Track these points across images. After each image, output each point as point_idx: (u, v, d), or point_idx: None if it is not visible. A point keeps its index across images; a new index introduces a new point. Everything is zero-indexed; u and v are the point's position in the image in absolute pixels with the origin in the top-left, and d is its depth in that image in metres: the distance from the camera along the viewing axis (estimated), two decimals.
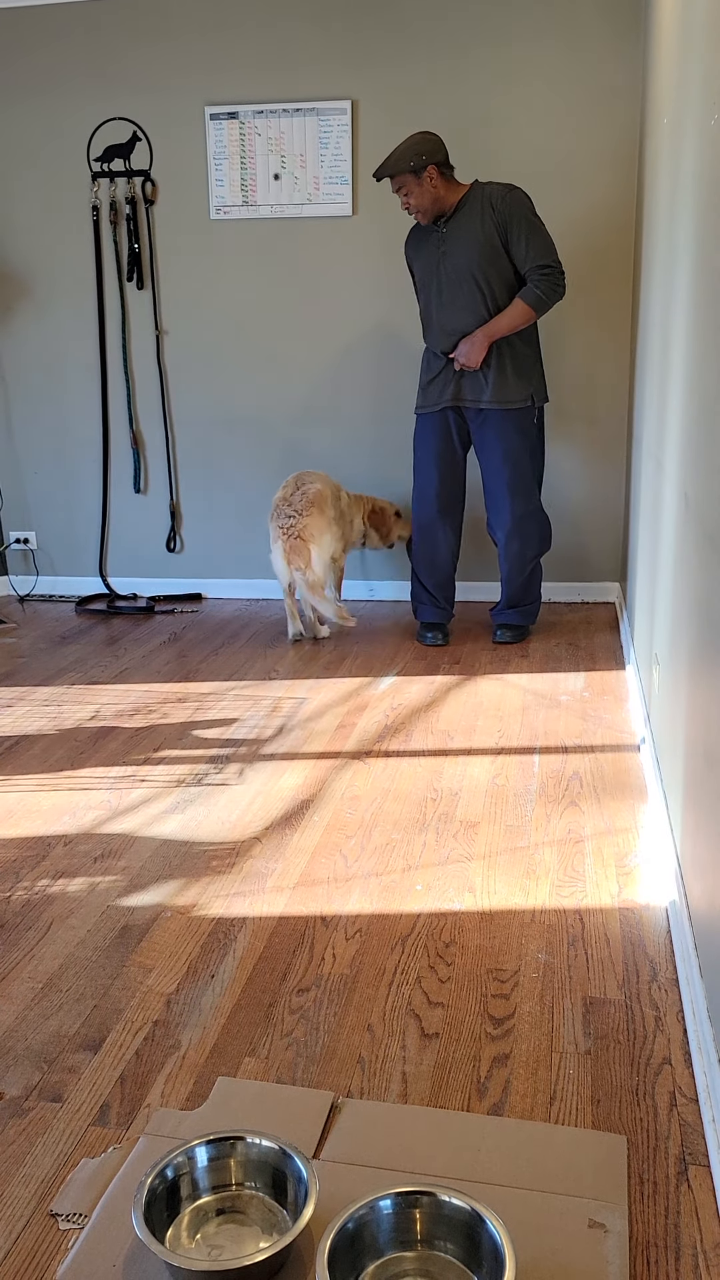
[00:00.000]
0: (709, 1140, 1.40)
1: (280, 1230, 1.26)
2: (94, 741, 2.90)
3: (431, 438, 3.65)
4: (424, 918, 1.97)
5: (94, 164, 4.21)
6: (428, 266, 3.56)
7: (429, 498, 3.69)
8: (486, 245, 3.44)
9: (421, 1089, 1.52)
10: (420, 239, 3.59)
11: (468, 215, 3.44)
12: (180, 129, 4.13)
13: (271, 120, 4.04)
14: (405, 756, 2.76)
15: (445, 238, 3.49)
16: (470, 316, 3.50)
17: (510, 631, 3.76)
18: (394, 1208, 1.22)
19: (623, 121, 3.87)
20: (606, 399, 4.12)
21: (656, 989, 1.74)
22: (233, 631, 4.03)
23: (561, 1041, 1.62)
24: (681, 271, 2.21)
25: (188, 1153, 1.30)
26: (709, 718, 1.60)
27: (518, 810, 2.42)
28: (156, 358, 4.37)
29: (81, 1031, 1.66)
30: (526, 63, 3.86)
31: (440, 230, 3.50)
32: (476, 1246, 1.20)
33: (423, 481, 3.70)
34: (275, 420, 4.36)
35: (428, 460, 3.67)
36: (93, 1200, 1.33)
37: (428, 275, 3.56)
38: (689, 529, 1.93)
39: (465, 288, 3.49)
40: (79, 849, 2.27)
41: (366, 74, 3.96)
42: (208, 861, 2.21)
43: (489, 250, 3.44)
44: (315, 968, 1.82)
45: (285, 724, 3.01)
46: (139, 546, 4.60)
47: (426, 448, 3.67)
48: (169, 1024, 1.68)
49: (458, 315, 3.51)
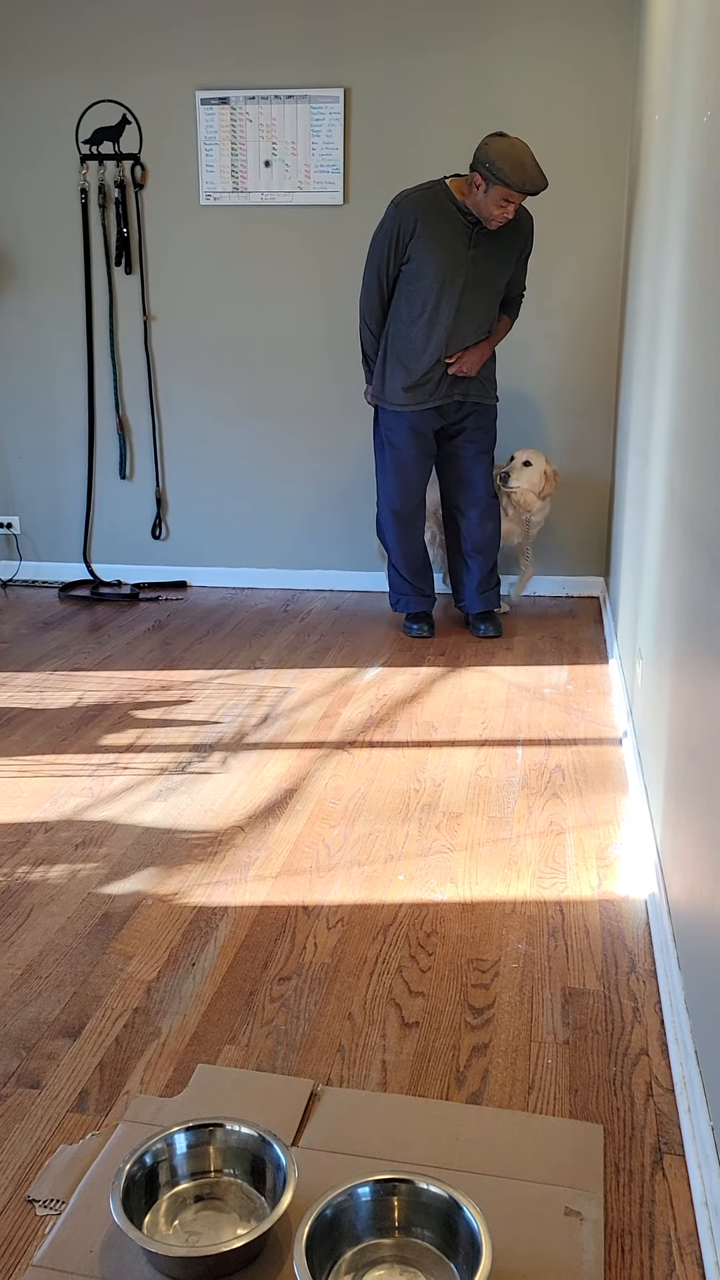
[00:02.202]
0: (684, 1130, 1.41)
1: (258, 1217, 1.27)
2: (76, 728, 2.89)
3: (415, 435, 3.61)
4: (406, 908, 1.98)
5: (83, 146, 4.17)
6: (449, 262, 3.38)
7: (411, 492, 3.69)
8: (511, 263, 3.48)
9: (401, 1077, 1.53)
10: (437, 224, 3.36)
11: (506, 227, 3.42)
12: (171, 113, 4.10)
13: (263, 106, 4.01)
14: (389, 747, 2.76)
15: (478, 240, 3.39)
16: (480, 329, 3.52)
17: (492, 624, 3.77)
18: (372, 1195, 1.22)
19: (615, 116, 3.86)
20: (593, 393, 4.13)
21: (635, 980, 1.75)
22: (218, 620, 4.03)
23: (540, 1031, 1.62)
24: (671, 267, 2.21)
25: (167, 1139, 1.30)
26: (691, 712, 1.61)
27: (500, 802, 2.42)
28: (144, 344, 4.35)
29: (61, 1018, 1.66)
30: (520, 54, 3.85)
31: (470, 229, 3.38)
32: (454, 1234, 1.21)
33: (404, 477, 3.66)
34: (262, 408, 4.35)
35: (410, 457, 3.64)
36: (70, 1186, 1.33)
37: (447, 272, 3.39)
38: (674, 523, 1.93)
39: (485, 299, 3.47)
40: (60, 835, 2.27)
41: (359, 62, 3.94)
42: (190, 850, 2.20)
43: (511, 268, 3.50)
44: (297, 956, 1.83)
45: (269, 713, 3.01)
46: (124, 533, 4.58)
47: (409, 445, 3.62)
48: (149, 1011, 1.68)
49: (472, 325, 3.49)
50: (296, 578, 4.50)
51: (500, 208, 3.27)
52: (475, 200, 3.31)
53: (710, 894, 1.37)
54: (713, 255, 1.59)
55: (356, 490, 4.37)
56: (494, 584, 3.82)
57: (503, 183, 3.19)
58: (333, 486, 4.39)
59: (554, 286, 4.01)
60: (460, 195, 3.37)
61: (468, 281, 3.42)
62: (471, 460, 3.68)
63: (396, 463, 3.66)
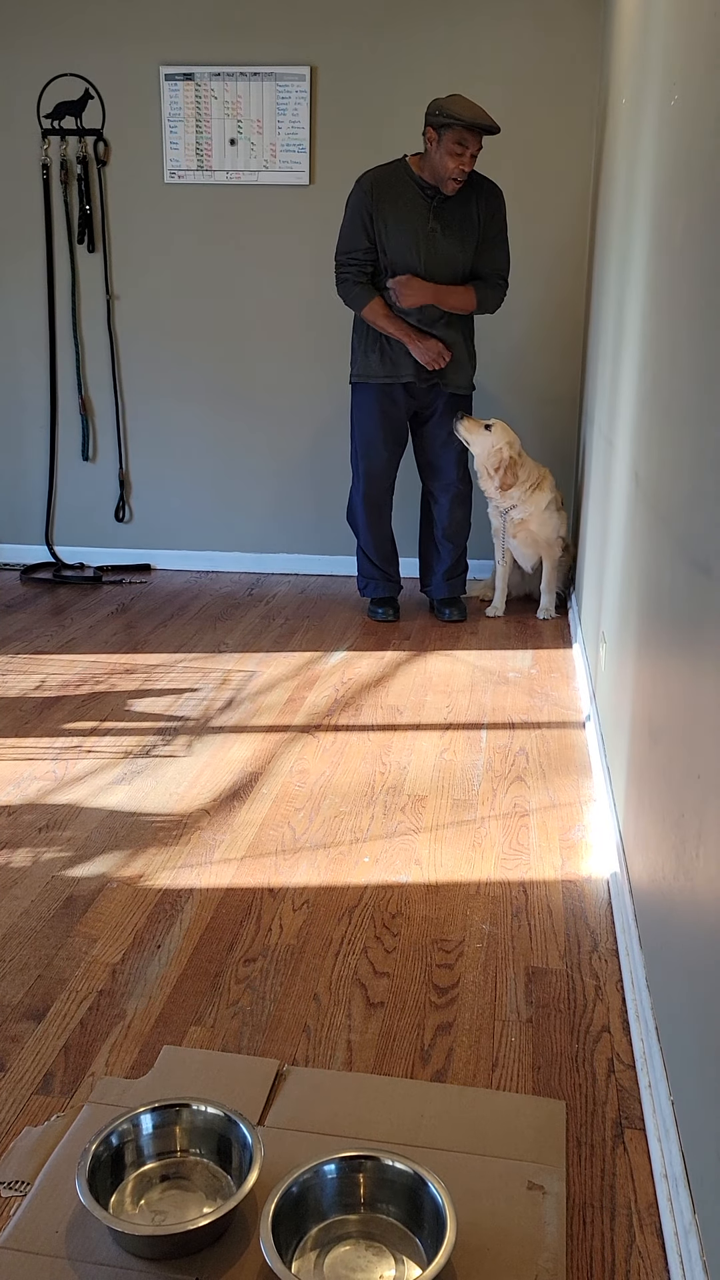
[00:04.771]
0: (645, 1104, 1.43)
1: (225, 1196, 1.27)
2: (39, 712, 2.87)
3: (384, 418, 3.59)
4: (371, 889, 1.99)
5: (44, 121, 4.10)
6: (412, 235, 3.37)
7: (380, 473, 3.67)
8: (474, 237, 3.45)
9: (366, 1057, 1.54)
10: (395, 196, 3.36)
11: (461, 198, 3.40)
12: (134, 88, 4.04)
13: (229, 83, 3.97)
14: (355, 731, 2.76)
15: (439, 212, 3.37)
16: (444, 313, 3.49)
17: (457, 609, 3.79)
18: (338, 1172, 1.23)
19: (584, 98, 3.86)
20: (558, 378, 4.14)
21: (597, 959, 1.78)
22: (182, 603, 4.00)
23: (504, 1010, 1.64)
24: (637, 252, 2.22)
25: (133, 1120, 1.30)
26: (655, 694, 1.63)
27: (464, 785, 2.44)
28: (107, 323, 4.30)
29: (25, 1001, 1.65)
30: (488, 35, 3.84)
31: (430, 200, 3.36)
32: (419, 1209, 1.22)
33: (375, 457, 3.64)
34: (228, 389, 4.31)
35: (378, 435, 3.61)
36: (35, 1168, 1.32)
37: (410, 245, 3.38)
38: (639, 508, 1.95)
39: (448, 273, 3.44)
40: (23, 819, 2.25)
41: (327, 41, 3.90)
42: (155, 833, 2.20)
43: (475, 242, 3.46)
44: (262, 938, 1.83)
45: (235, 697, 3.00)
46: (87, 515, 4.54)
47: (378, 427, 3.59)
48: (114, 994, 1.68)
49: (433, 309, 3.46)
50: (262, 561, 4.48)
51: (455, 157, 3.24)
52: (431, 163, 3.30)
53: (671, 874, 1.39)
54: (678, 239, 1.60)
55: (322, 473, 4.35)
56: (461, 570, 3.83)
57: (453, 120, 3.17)
58: (299, 469, 4.37)
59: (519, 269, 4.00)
60: (419, 170, 3.36)
61: (433, 255, 3.41)
62: (442, 445, 3.67)
63: (365, 442, 3.64)
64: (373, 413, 3.60)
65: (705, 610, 1.24)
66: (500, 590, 3.89)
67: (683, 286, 1.53)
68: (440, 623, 3.78)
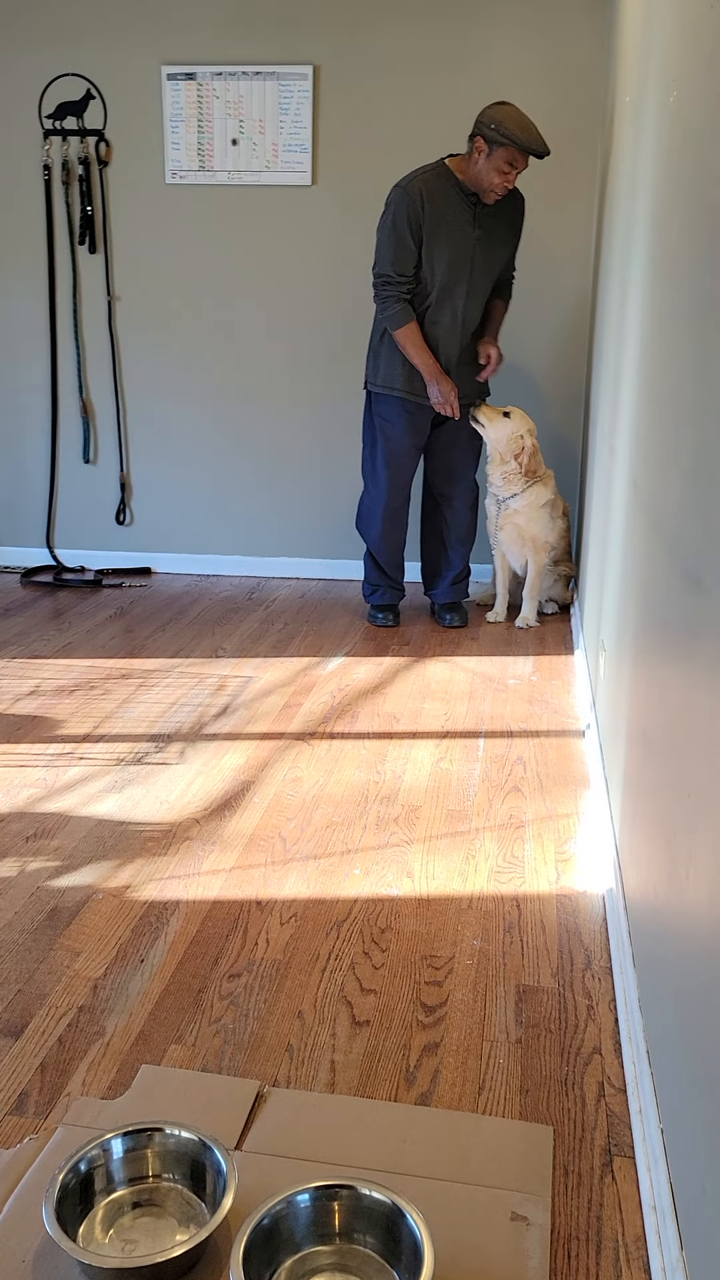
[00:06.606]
0: (635, 1131, 1.39)
1: (199, 1223, 1.23)
2: (32, 717, 2.83)
3: (411, 424, 3.52)
4: (360, 903, 1.95)
5: (45, 121, 4.08)
6: (460, 246, 3.30)
7: (401, 486, 3.62)
8: (510, 244, 3.44)
9: (350, 1078, 1.50)
10: (443, 206, 3.26)
11: (504, 207, 3.37)
12: (136, 88, 4.01)
13: (230, 83, 3.94)
14: (350, 739, 2.72)
15: (481, 220, 3.32)
16: (480, 313, 3.48)
17: (458, 615, 3.74)
18: (312, 1201, 1.19)
19: (588, 96, 3.82)
20: (563, 381, 4.10)
21: (590, 977, 1.73)
22: (181, 607, 3.97)
23: (493, 1030, 1.60)
24: (637, 253, 2.17)
25: (103, 1145, 1.26)
26: (649, 706, 1.58)
27: (460, 795, 2.40)
28: (108, 325, 4.27)
29: (3, 1016, 1.62)
30: (493, 33, 3.80)
31: (473, 209, 3.31)
32: (396, 1240, 1.18)
33: (396, 469, 3.58)
34: (229, 392, 4.28)
35: (404, 447, 3.56)
36: (5, 1193, 1.29)
37: (457, 256, 3.31)
38: (637, 515, 1.91)
39: (486, 285, 3.43)
40: (10, 828, 2.22)
41: (329, 39, 3.87)
42: (143, 842, 2.16)
43: (509, 248, 3.45)
44: (248, 953, 1.79)
45: (230, 703, 2.97)
46: (88, 518, 4.51)
47: (405, 435, 3.53)
48: (94, 1010, 1.64)
49: (476, 311, 3.45)
50: (262, 565, 4.45)
51: (502, 174, 3.20)
52: (475, 171, 3.24)
53: (663, 893, 1.34)
54: (674, 241, 1.55)
55: (324, 476, 4.32)
56: (466, 575, 3.79)
57: (509, 142, 3.13)
58: (300, 472, 4.33)
59: (526, 270, 3.96)
60: (461, 174, 3.29)
61: (475, 265, 3.37)
62: (463, 447, 3.63)
63: (389, 453, 3.56)
64: (399, 423, 3.53)
65: (698, 624, 1.20)
66: (501, 595, 3.85)
67: (680, 285, 1.49)
68: (441, 628, 3.74)
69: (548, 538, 3.71)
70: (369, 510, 3.69)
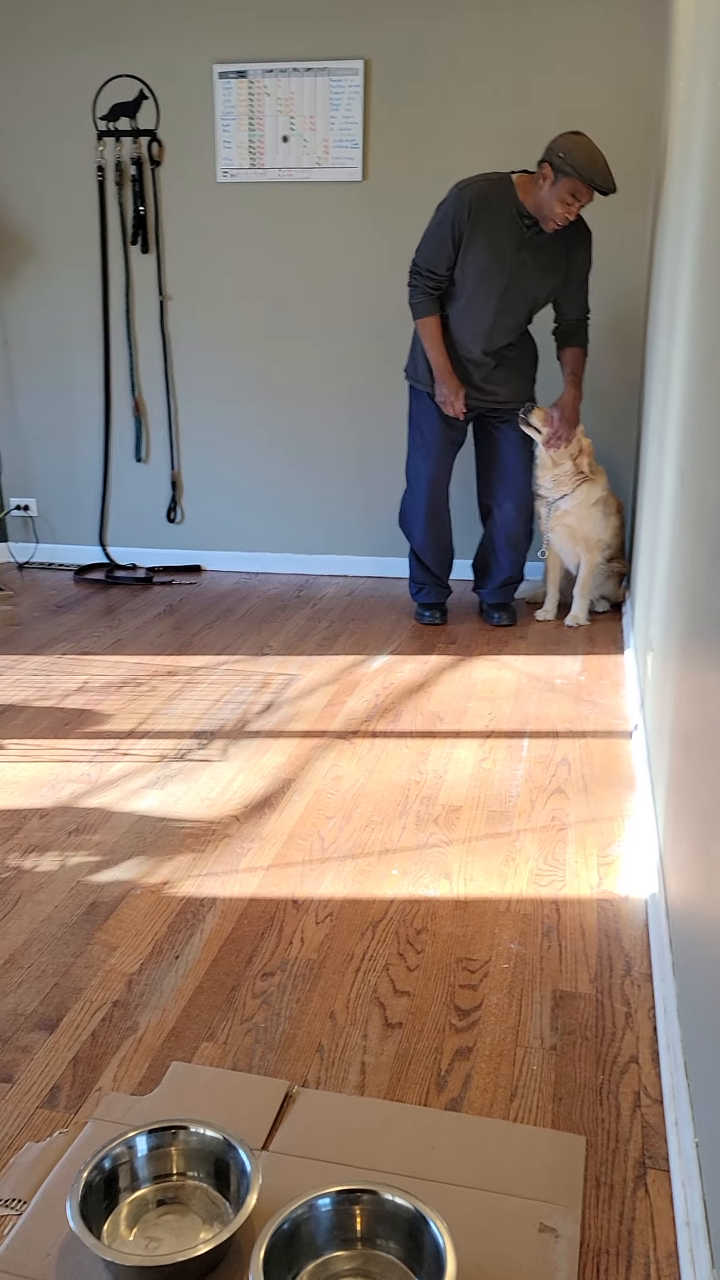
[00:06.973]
0: (670, 1144, 1.35)
1: (224, 1221, 1.23)
2: (80, 713, 2.87)
3: (444, 421, 3.52)
4: (397, 903, 1.93)
5: (100, 122, 4.12)
6: (499, 260, 3.28)
7: (441, 483, 3.60)
8: (556, 277, 3.38)
9: (380, 1080, 1.49)
10: (494, 217, 3.24)
11: (561, 237, 3.32)
12: (188, 88, 4.03)
13: (281, 80, 3.94)
14: (392, 738, 2.71)
15: (529, 244, 3.29)
16: (511, 337, 3.44)
17: (506, 613, 3.70)
18: (333, 1206, 1.18)
19: (645, 86, 3.74)
20: (617, 374, 4.03)
21: (630, 984, 1.70)
22: (230, 604, 3.99)
23: (527, 1036, 1.57)
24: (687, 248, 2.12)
25: (127, 1143, 1.27)
26: (689, 710, 1.54)
27: (502, 795, 2.37)
28: (160, 324, 4.30)
29: (39, 1010, 1.63)
30: (547, 25, 3.74)
31: (525, 231, 3.27)
32: (419, 1247, 1.16)
33: (435, 466, 3.56)
34: (280, 391, 4.29)
35: (441, 446, 3.54)
36: (34, 1186, 1.30)
37: (490, 271, 3.28)
38: (683, 511, 1.86)
39: (522, 307, 3.38)
40: (54, 822, 2.24)
41: (380, 33, 3.84)
42: (183, 839, 2.17)
43: (555, 283, 3.39)
44: (282, 951, 1.79)
45: (274, 701, 2.97)
46: (139, 516, 4.55)
47: (437, 431, 3.52)
48: (128, 1005, 1.65)
49: (503, 332, 3.40)
50: (311, 562, 4.45)
51: (565, 204, 3.16)
52: (539, 197, 3.20)
53: (700, 899, 1.31)
54: None
55: (373, 474, 4.30)
56: (519, 579, 3.74)
57: (574, 173, 3.08)
58: (349, 470, 4.32)
59: None
60: (524, 194, 3.25)
61: (510, 282, 3.31)
62: (511, 448, 3.58)
63: (424, 450, 3.57)
64: (432, 418, 3.53)
65: None
66: (551, 593, 3.79)
67: None
68: (488, 626, 3.70)
69: (600, 536, 3.65)
70: (411, 508, 3.67)
